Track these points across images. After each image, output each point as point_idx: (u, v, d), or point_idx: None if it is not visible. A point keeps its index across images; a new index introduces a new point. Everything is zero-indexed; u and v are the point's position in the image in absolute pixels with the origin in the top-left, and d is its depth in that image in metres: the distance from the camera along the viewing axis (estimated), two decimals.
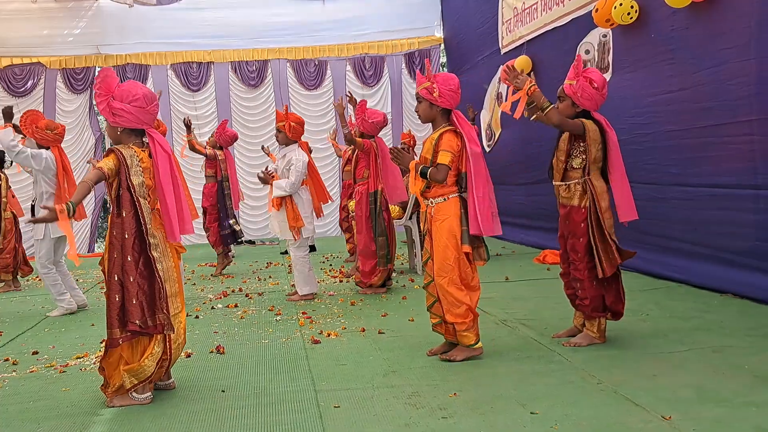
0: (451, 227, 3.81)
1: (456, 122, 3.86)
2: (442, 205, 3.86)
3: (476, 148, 3.80)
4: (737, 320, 4.51)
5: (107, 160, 3.33)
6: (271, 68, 12.04)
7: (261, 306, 5.87)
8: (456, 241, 3.80)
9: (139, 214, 3.35)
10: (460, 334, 3.87)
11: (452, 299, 3.79)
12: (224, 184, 7.95)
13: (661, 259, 6.08)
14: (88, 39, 11.52)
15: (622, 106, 6.47)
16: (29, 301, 6.72)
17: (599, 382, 3.40)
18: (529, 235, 9.10)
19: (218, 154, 7.90)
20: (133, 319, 3.31)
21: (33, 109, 6.14)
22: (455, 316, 3.82)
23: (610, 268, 3.95)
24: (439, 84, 3.83)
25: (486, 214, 3.78)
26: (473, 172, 3.77)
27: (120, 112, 3.34)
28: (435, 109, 3.89)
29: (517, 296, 5.74)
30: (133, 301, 3.32)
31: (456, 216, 3.82)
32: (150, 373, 3.39)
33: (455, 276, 3.80)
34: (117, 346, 3.35)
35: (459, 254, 3.80)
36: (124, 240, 3.34)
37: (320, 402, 3.32)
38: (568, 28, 7.62)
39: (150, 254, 3.36)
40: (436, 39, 12.47)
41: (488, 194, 3.83)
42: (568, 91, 4.03)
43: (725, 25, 5.22)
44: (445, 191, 3.85)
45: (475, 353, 3.90)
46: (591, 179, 3.99)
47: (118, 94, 3.35)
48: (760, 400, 3.05)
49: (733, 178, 5.25)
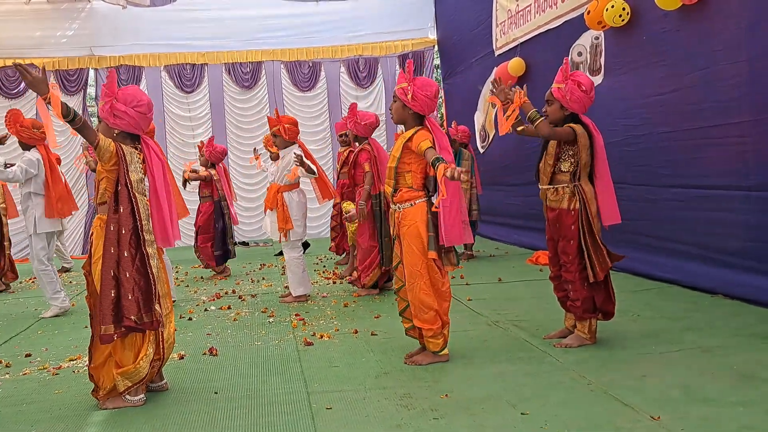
0: (418, 233, 3.77)
1: (431, 128, 3.78)
2: (408, 211, 3.82)
3: (447, 158, 3.65)
4: (727, 320, 4.54)
5: (110, 143, 3.32)
6: (265, 70, 12.03)
7: (254, 308, 5.88)
8: (423, 246, 3.76)
9: (135, 210, 3.36)
10: (427, 339, 3.86)
11: (420, 305, 3.78)
12: (222, 203, 7.84)
13: (652, 260, 6.12)
14: (81, 40, 11.48)
15: (614, 108, 6.50)
16: (22, 303, 6.71)
17: (589, 383, 3.42)
18: (522, 235, 9.13)
19: (213, 174, 7.82)
20: (129, 314, 3.30)
21: (14, 108, 6.15)
22: (422, 321, 3.81)
23: (603, 271, 3.98)
24: (415, 88, 3.75)
25: (454, 222, 3.72)
26: (442, 183, 3.59)
27: (122, 115, 3.37)
28: (407, 111, 3.83)
29: (510, 297, 5.77)
30: (129, 296, 3.31)
31: (423, 222, 3.78)
32: (144, 374, 3.40)
33: (424, 281, 3.78)
34: (111, 341, 3.33)
35: (427, 260, 3.77)
36: (120, 235, 3.33)
37: (312, 403, 3.33)
38: (561, 31, 7.66)
39: (145, 250, 3.37)
40: (429, 41, 12.49)
41: (455, 204, 3.71)
42: (557, 95, 4.04)
43: (716, 26, 5.25)
44: (412, 196, 3.82)
45: (440, 360, 3.87)
46: (581, 184, 4.02)
47: (122, 97, 3.37)
48: (747, 399, 3.08)
49: (724, 179, 5.28)
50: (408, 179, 3.83)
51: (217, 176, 7.84)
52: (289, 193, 5.97)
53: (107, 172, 3.38)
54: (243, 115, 12.00)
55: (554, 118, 4.08)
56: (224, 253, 7.93)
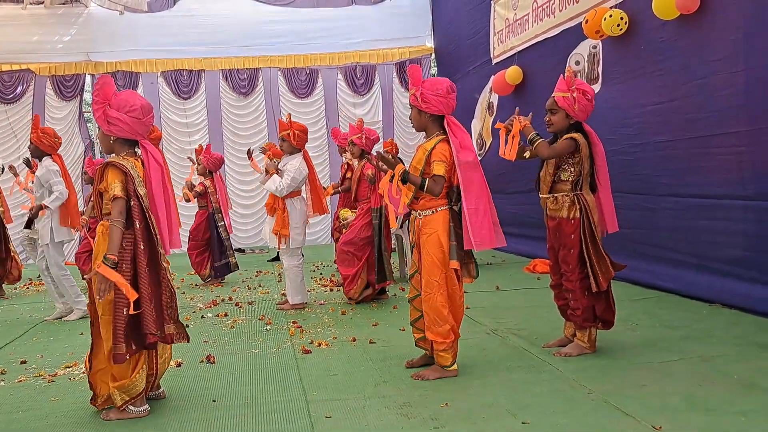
0: (438, 242, 3.68)
1: (449, 129, 3.68)
2: (429, 218, 3.74)
3: (467, 157, 3.61)
4: (726, 329, 4.54)
5: (114, 183, 3.25)
6: (262, 76, 12.04)
7: (251, 315, 5.85)
8: (444, 256, 3.67)
9: (149, 224, 3.32)
10: (438, 353, 3.76)
11: (435, 317, 3.68)
12: (216, 216, 7.80)
13: (650, 269, 6.12)
14: (78, 46, 11.47)
15: (611, 117, 6.52)
16: (17, 310, 6.66)
17: (589, 392, 3.41)
18: (519, 244, 9.12)
19: (208, 186, 7.78)
20: (152, 330, 3.25)
21: (36, 114, 6.24)
22: (436, 335, 3.71)
23: (605, 281, 3.98)
24: (424, 89, 3.68)
25: (483, 225, 3.61)
26: (464, 184, 3.62)
27: (115, 122, 3.30)
28: (424, 116, 3.76)
29: (508, 306, 5.75)
30: (149, 312, 3.26)
31: (444, 230, 3.69)
32: (141, 389, 3.36)
33: (442, 293, 3.68)
34: (124, 361, 3.25)
35: (447, 270, 3.68)
36: (137, 250, 3.27)
37: (311, 412, 3.31)
38: (559, 39, 7.68)
39: (161, 264, 3.33)
40: (427, 49, 12.53)
41: (482, 206, 3.62)
42: (563, 104, 4.01)
43: (713, 36, 5.28)
44: (434, 204, 3.73)
45: (448, 374, 3.76)
46: (583, 193, 4.02)
47: (115, 103, 3.30)
48: (747, 408, 3.07)
49: (722, 188, 5.30)
50: None
51: (212, 188, 7.82)
52: (291, 200, 5.95)
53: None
54: (240, 121, 11.99)
55: (559, 126, 4.07)
56: (225, 265, 7.90)
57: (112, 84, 3.37)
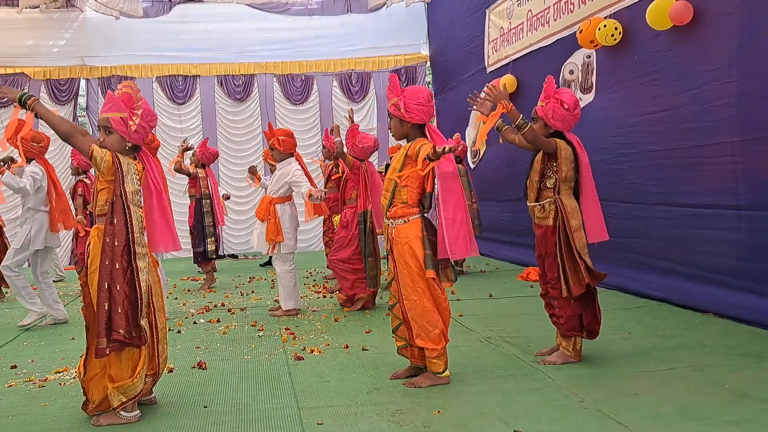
0: (412, 252, 3.64)
1: (430, 137, 3.68)
2: (402, 228, 3.70)
3: (447, 168, 3.59)
4: (718, 339, 4.54)
5: (105, 153, 3.29)
6: (258, 82, 12.05)
7: (244, 321, 5.83)
8: (420, 265, 3.64)
9: (128, 222, 3.33)
10: (430, 360, 3.73)
11: (424, 323, 3.65)
12: (203, 201, 7.89)
13: (643, 278, 6.13)
14: (73, 50, 11.47)
15: (605, 126, 6.55)
16: (8, 314, 6.61)
17: (582, 400, 3.41)
18: (513, 251, 9.14)
19: (199, 172, 7.90)
20: (118, 328, 3.25)
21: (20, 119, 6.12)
22: (427, 341, 3.67)
23: (577, 288, 3.93)
24: (406, 99, 3.67)
25: (459, 235, 3.60)
26: (443, 194, 3.61)
27: (140, 130, 3.38)
28: (405, 125, 3.75)
29: (501, 313, 5.75)
30: (119, 310, 3.26)
31: (417, 238, 3.66)
32: (140, 390, 3.35)
33: (427, 299, 3.66)
34: (104, 356, 3.27)
35: (426, 277, 3.66)
36: (114, 247, 3.29)
37: (303, 419, 3.30)
38: (553, 48, 7.72)
39: (135, 264, 3.33)
40: (422, 56, 12.58)
41: (460, 216, 3.61)
42: (540, 113, 4.07)
43: (707, 47, 5.31)
44: (407, 212, 3.70)
45: (441, 381, 3.73)
46: (561, 198, 4.01)
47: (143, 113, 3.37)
48: (740, 417, 3.07)
49: (714, 197, 5.31)
50: (404, 194, 3.71)
51: (203, 175, 7.88)
52: (282, 205, 5.95)
53: (108, 183, 3.34)
54: (235, 127, 12.00)
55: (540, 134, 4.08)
56: (203, 252, 7.91)
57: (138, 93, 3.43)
